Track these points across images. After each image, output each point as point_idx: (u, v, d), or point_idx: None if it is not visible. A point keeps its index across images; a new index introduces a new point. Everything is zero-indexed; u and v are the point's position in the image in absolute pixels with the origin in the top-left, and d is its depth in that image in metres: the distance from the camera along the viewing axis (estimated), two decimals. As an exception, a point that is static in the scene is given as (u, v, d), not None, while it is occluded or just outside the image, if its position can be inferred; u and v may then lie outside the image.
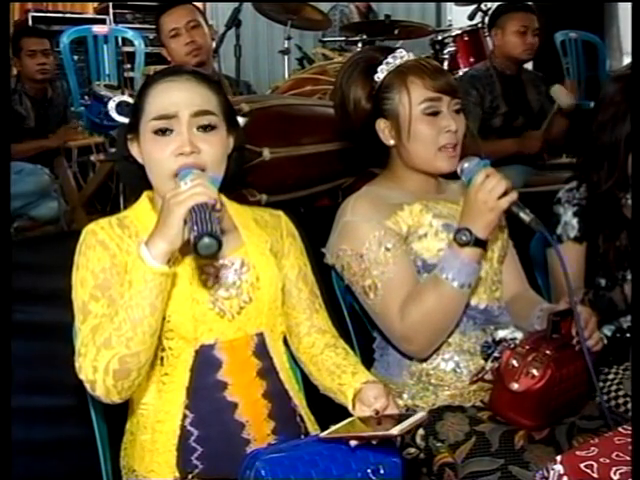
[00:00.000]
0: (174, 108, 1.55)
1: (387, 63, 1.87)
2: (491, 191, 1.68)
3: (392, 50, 1.91)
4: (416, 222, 1.85)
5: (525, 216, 1.69)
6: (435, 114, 1.83)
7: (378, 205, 1.86)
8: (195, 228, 1.35)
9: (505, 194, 1.68)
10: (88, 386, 1.48)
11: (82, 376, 1.48)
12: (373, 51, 1.96)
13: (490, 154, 3.43)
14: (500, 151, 3.68)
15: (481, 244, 1.72)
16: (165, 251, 1.41)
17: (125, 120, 1.65)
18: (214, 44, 3.67)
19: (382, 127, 1.89)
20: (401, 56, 1.88)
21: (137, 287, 1.42)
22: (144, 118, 1.58)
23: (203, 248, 1.34)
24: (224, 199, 1.65)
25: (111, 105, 1.64)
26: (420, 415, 1.47)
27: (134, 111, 1.63)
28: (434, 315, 1.75)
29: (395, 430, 1.40)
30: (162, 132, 1.55)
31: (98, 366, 1.44)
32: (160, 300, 1.44)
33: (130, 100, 1.65)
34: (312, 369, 1.73)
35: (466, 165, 1.75)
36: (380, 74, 1.87)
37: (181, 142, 1.54)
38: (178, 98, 1.57)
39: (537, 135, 3.81)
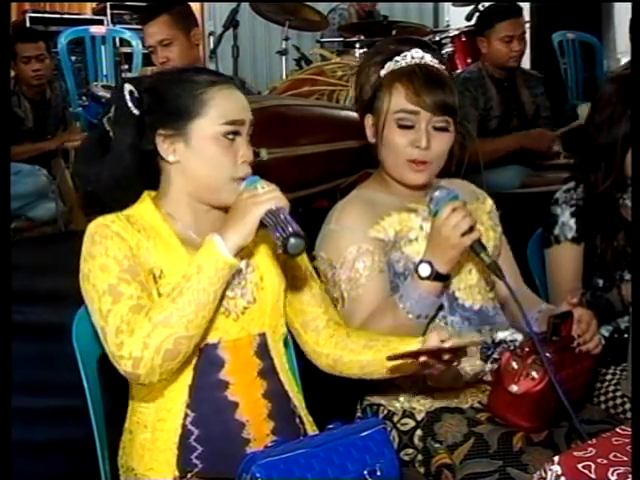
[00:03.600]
0: (243, 115, 1.62)
1: (396, 61, 1.86)
2: (455, 227, 1.67)
3: (416, 45, 1.87)
4: (405, 226, 1.84)
5: (485, 257, 1.69)
6: (408, 127, 1.82)
7: (365, 212, 1.86)
8: (280, 229, 1.46)
9: (471, 230, 1.68)
10: (130, 363, 1.45)
11: (124, 352, 1.45)
12: (402, 43, 1.90)
13: (494, 151, 3.47)
14: (504, 147, 3.68)
15: (442, 278, 1.73)
16: (238, 245, 1.49)
17: (137, 111, 1.62)
18: (212, 45, 3.67)
19: (369, 122, 1.90)
20: (412, 56, 1.85)
21: (207, 272, 1.46)
22: (204, 118, 1.59)
23: (293, 248, 1.45)
24: None
25: (126, 94, 1.62)
26: (475, 337, 1.55)
27: (175, 109, 1.60)
28: None
29: (448, 343, 1.50)
30: (232, 136, 1.59)
31: (150, 343, 1.44)
32: (222, 290, 1.51)
33: (134, 90, 1.63)
34: (341, 353, 1.72)
35: (436, 194, 1.74)
36: (385, 70, 1.86)
37: (246, 150, 1.61)
38: (244, 106, 1.64)
39: (548, 135, 3.80)
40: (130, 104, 1.62)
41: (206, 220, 1.64)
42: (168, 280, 1.55)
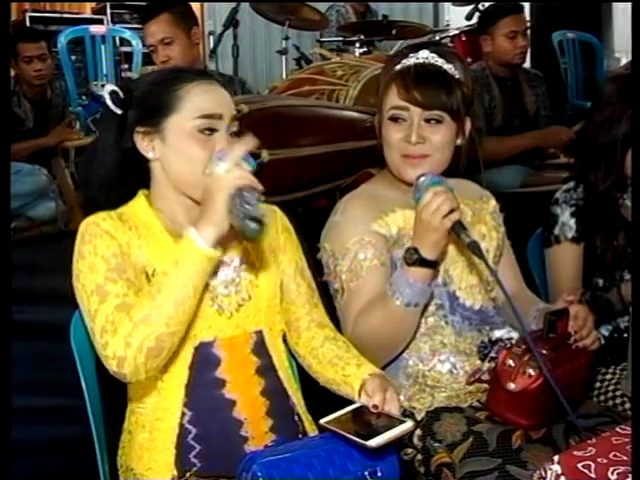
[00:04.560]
0: (219, 109, 1.60)
1: (402, 63, 1.87)
2: (435, 211, 1.66)
3: (428, 48, 1.88)
4: (408, 223, 1.84)
5: (465, 237, 1.68)
6: (400, 123, 1.84)
7: (370, 206, 1.87)
8: (238, 213, 1.41)
9: (452, 212, 1.67)
10: (114, 363, 1.46)
11: (109, 353, 1.46)
12: (417, 47, 1.91)
13: (513, 148, 3.49)
14: (522, 145, 3.69)
15: (428, 264, 1.71)
16: (214, 235, 1.45)
17: (119, 111, 1.63)
18: (212, 44, 3.67)
19: (376, 122, 1.92)
20: (417, 57, 1.86)
21: (184, 268, 1.45)
22: (179, 114, 1.58)
23: (249, 233, 1.42)
24: None
25: (106, 95, 1.63)
26: (406, 426, 1.48)
27: (151, 106, 1.60)
28: (379, 331, 1.77)
29: (373, 442, 1.42)
30: (208, 131, 1.58)
31: (132, 342, 1.44)
32: (202, 284, 1.49)
33: (118, 90, 1.63)
34: (312, 362, 1.73)
35: (420, 181, 1.74)
36: (391, 72, 1.88)
37: (224, 145, 1.58)
38: (221, 100, 1.62)
39: (564, 131, 3.79)
40: (110, 103, 1.62)
41: (195, 214, 1.64)
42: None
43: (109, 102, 1.62)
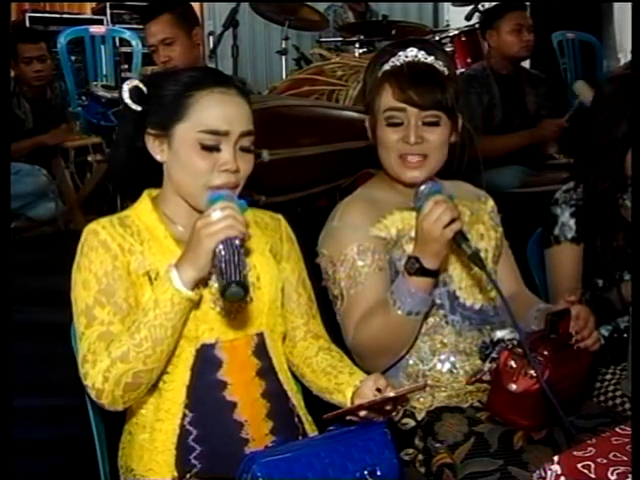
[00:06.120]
0: (226, 126, 1.55)
1: (391, 62, 1.86)
2: (436, 221, 1.66)
3: (416, 45, 1.87)
4: (407, 224, 1.85)
5: (466, 248, 1.68)
6: (397, 125, 1.83)
7: (368, 210, 1.87)
8: (223, 270, 1.40)
9: (453, 222, 1.67)
10: (93, 393, 1.50)
11: (88, 383, 1.50)
12: (403, 45, 1.89)
13: (503, 148, 3.49)
14: (512, 144, 3.69)
15: (430, 274, 1.71)
16: (194, 278, 1.47)
17: (137, 107, 1.62)
18: (212, 44, 3.67)
19: (368, 124, 1.91)
20: (405, 55, 1.85)
21: (163, 308, 1.46)
22: (186, 123, 1.56)
23: (230, 295, 1.40)
24: None
25: (125, 88, 1.61)
26: (420, 384, 1.53)
27: (164, 108, 1.59)
28: (381, 338, 1.77)
29: (392, 392, 1.47)
30: (209, 150, 1.55)
31: (110, 377, 1.47)
32: (181, 323, 1.50)
33: (142, 86, 1.61)
34: (306, 370, 1.73)
35: (421, 189, 1.74)
36: (380, 72, 1.87)
37: (227, 159, 1.55)
38: (231, 115, 1.57)
39: (556, 122, 3.80)
40: (127, 100, 1.61)
41: (194, 219, 1.65)
42: None
43: (126, 98, 1.61)
